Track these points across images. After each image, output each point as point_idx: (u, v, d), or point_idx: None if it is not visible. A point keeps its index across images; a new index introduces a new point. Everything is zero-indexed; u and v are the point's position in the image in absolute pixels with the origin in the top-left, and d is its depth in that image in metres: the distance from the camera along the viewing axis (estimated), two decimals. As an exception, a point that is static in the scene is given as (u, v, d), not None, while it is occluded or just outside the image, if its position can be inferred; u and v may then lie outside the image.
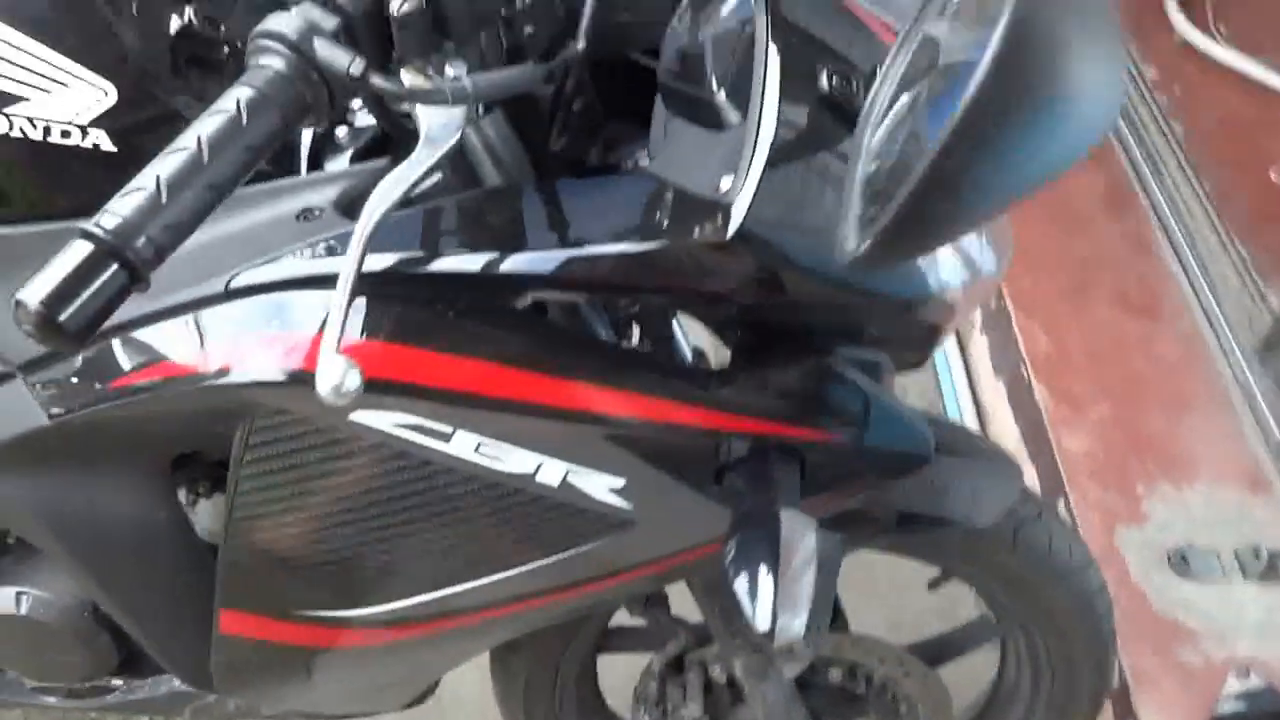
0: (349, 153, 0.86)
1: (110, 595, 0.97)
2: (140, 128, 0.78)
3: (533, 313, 0.78)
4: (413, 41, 0.62)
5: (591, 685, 1.34)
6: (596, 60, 0.79)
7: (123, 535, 0.93)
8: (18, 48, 0.73)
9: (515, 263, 0.72)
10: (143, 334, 0.76)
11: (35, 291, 0.50)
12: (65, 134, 0.75)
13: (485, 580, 0.86)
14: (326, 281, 0.70)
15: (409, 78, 0.63)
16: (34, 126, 0.74)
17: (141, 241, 0.53)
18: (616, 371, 0.76)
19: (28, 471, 0.87)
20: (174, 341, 0.75)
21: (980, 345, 2.03)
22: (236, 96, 0.57)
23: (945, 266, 0.81)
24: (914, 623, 1.40)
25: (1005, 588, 1.15)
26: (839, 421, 0.81)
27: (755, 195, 0.65)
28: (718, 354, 0.82)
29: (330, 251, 0.74)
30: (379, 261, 0.72)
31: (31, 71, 0.73)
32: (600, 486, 0.79)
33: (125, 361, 0.77)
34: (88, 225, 0.52)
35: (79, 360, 0.79)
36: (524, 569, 0.85)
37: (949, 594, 1.20)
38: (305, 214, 0.77)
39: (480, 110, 0.74)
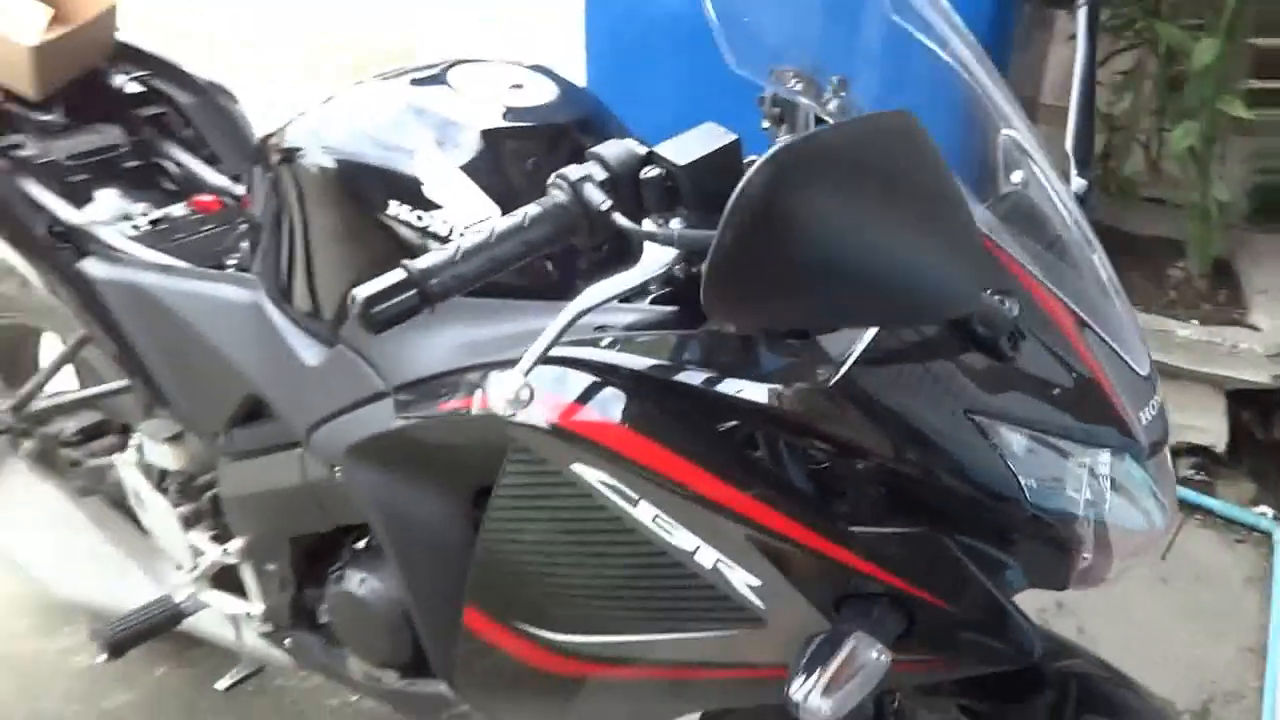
0: (649, 298, 1.16)
1: (409, 589, 1.29)
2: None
3: (729, 432, 0.99)
4: (653, 198, 0.91)
5: None
6: None
7: (426, 541, 1.24)
8: (452, 176, 1.12)
9: (719, 388, 0.95)
10: (466, 377, 1.09)
11: (363, 290, 0.82)
12: (462, 235, 1.11)
13: (646, 637, 1.05)
14: (588, 366, 0.99)
15: (646, 222, 0.92)
16: (442, 225, 1.11)
17: (435, 281, 0.84)
18: (775, 493, 0.95)
19: (378, 468, 1.22)
20: (480, 386, 1.06)
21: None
22: (526, 210, 0.89)
23: (1072, 492, 0.92)
24: None
25: None
26: (948, 596, 0.94)
27: (856, 358, 0.85)
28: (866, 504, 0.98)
29: (606, 347, 1.01)
30: (631, 362, 0.99)
31: (454, 192, 1.11)
32: (741, 581, 0.97)
33: (447, 393, 1.10)
34: (407, 262, 0.84)
35: (424, 389, 1.13)
36: (676, 636, 1.04)
37: None
38: (602, 327, 1.06)
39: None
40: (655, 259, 0.92)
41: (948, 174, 0.75)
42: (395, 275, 0.83)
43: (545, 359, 1.01)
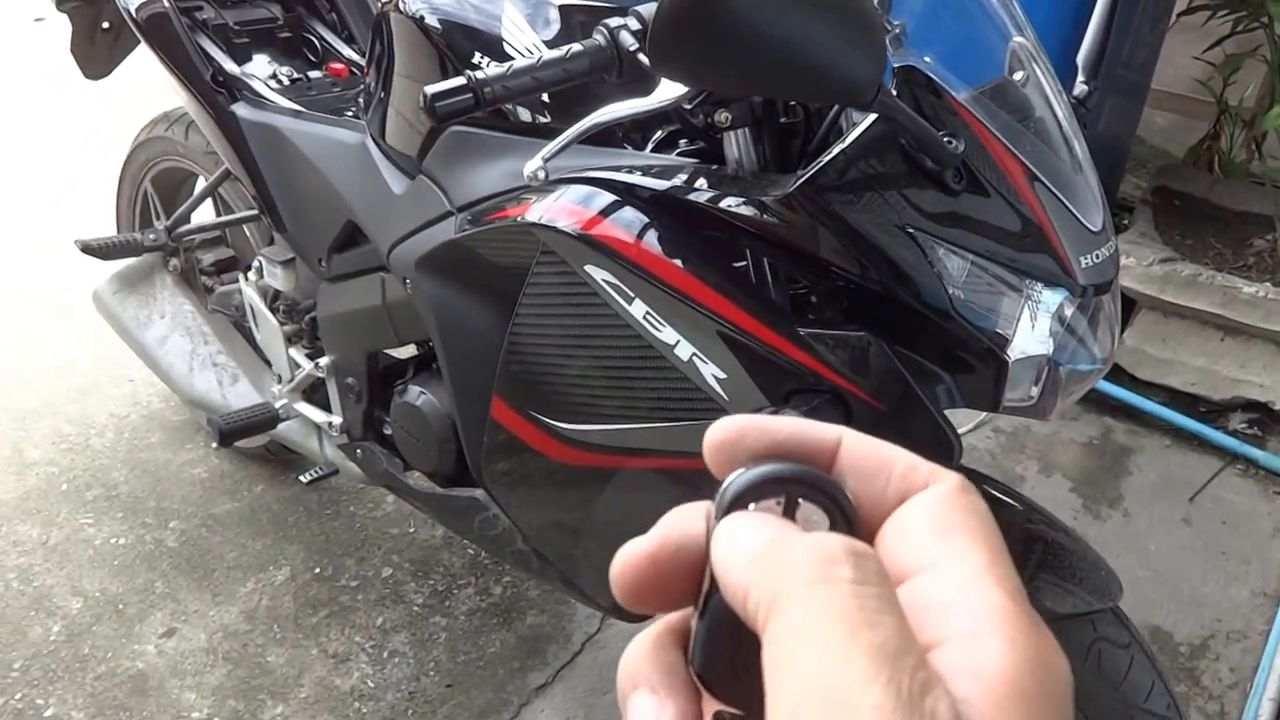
0: (676, 151, 1.34)
1: (453, 394, 1.50)
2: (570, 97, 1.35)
3: (720, 246, 1.17)
4: None
5: None
6: None
7: (472, 348, 1.46)
8: (529, 38, 1.33)
9: (712, 206, 1.13)
10: (514, 196, 1.30)
11: (432, 88, 1.04)
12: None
13: (636, 426, 1.24)
14: (612, 187, 1.18)
15: None
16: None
17: (488, 89, 1.05)
18: (744, 295, 1.13)
19: (440, 279, 1.44)
20: (522, 201, 1.27)
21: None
22: (570, 45, 1.09)
23: (1005, 315, 1.06)
24: None
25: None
26: (882, 397, 1.10)
27: (812, 175, 1.03)
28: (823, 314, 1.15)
29: (627, 172, 1.20)
30: (647, 183, 1.17)
31: (527, 50, 1.32)
32: (710, 374, 1.16)
33: (495, 208, 1.31)
34: (470, 72, 1.05)
35: (480, 207, 1.34)
36: (658, 425, 1.22)
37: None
38: (629, 169, 1.26)
39: (729, 119, 1.17)
40: (668, 92, 1.11)
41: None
42: (459, 80, 1.05)
43: (579, 180, 1.22)
